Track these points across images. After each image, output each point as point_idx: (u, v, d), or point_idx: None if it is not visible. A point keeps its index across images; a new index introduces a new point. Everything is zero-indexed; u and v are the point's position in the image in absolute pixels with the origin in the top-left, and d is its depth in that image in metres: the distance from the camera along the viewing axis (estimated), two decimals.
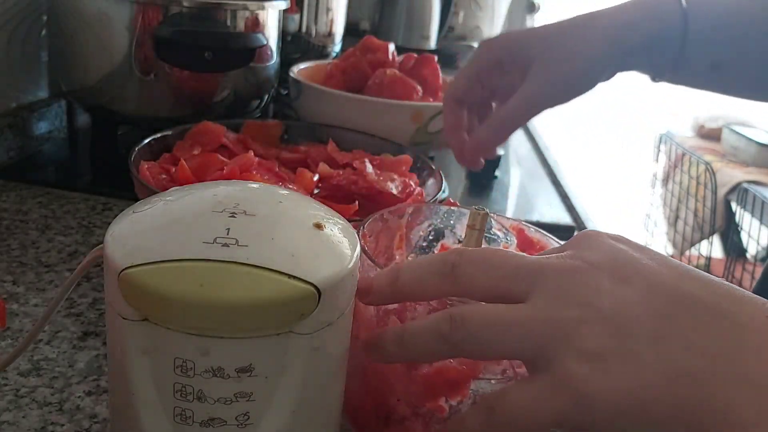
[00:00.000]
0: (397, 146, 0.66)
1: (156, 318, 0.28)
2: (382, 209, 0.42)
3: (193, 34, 0.69)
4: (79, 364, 0.45)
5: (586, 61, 0.53)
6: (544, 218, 0.84)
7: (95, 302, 0.52)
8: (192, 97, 0.74)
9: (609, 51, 0.53)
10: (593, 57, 0.53)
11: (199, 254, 0.27)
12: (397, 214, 0.43)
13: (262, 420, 0.30)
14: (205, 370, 0.28)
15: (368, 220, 0.40)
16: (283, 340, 0.28)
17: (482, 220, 0.38)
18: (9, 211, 0.65)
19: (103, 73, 0.72)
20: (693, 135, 2.48)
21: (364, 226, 0.40)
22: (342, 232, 0.33)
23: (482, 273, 0.30)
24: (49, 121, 0.82)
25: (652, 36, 0.53)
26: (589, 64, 0.53)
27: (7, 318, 0.48)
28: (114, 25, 0.68)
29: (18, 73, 0.79)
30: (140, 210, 0.32)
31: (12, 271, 0.54)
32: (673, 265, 0.30)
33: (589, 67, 0.53)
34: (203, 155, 0.58)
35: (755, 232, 1.88)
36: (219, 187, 0.34)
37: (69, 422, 0.40)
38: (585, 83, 0.53)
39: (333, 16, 1.19)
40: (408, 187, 0.56)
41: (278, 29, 0.81)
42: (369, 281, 0.33)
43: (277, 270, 0.27)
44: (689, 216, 2.11)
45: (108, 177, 0.76)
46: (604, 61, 0.53)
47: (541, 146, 1.17)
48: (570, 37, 0.54)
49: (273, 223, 0.31)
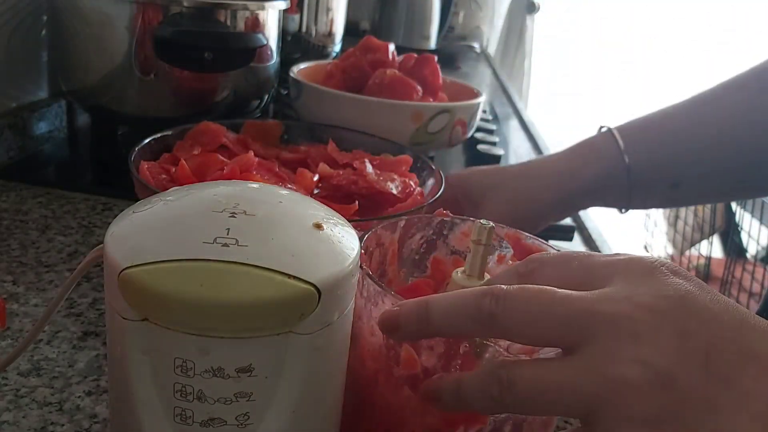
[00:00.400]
0: (397, 146, 0.66)
1: (156, 318, 0.28)
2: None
3: (193, 34, 0.69)
4: (79, 364, 0.45)
5: (528, 209, 0.57)
6: None
7: (95, 302, 0.52)
8: (192, 97, 0.74)
9: (553, 198, 0.57)
10: (539, 202, 0.57)
11: (199, 254, 0.27)
12: (389, 230, 0.41)
13: (262, 420, 0.30)
14: (205, 370, 0.28)
15: (363, 237, 0.38)
16: (283, 340, 0.28)
17: (488, 235, 0.36)
18: (9, 211, 0.65)
19: (103, 73, 0.72)
20: None
21: (362, 243, 0.37)
22: (342, 232, 0.33)
23: (525, 325, 0.28)
24: (49, 121, 0.82)
25: (597, 181, 0.57)
26: (532, 210, 0.57)
27: (7, 318, 0.48)
28: (114, 25, 0.68)
29: (18, 73, 0.79)
30: (140, 210, 0.32)
31: (12, 271, 0.54)
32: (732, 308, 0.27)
33: (532, 213, 0.57)
34: (203, 155, 0.58)
35: (755, 232, 1.87)
36: (219, 187, 0.34)
37: (69, 422, 0.40)
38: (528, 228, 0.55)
39: (333, 16, 1.19)
40: (408, 187, 0.56)
41: (278, 29, 0.81)
42: (395, 316, 0.31)
43: (277, 270, 0.27)
44: (689, 216, 2.11)
45: (108, 177, 0.76)
46: (550, 206, 0.57)
47: (541, 146, 1.17)
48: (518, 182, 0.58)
49: (273, 223, 0.31)
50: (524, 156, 1.13)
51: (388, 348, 0.35)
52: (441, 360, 0.33)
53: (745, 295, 1.79)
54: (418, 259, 0.43)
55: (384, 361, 0.35)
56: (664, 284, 0.27)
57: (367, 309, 0.35)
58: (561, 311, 0.27)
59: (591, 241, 0.80)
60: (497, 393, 0.28)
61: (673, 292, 0.27)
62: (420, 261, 0.43)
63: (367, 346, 0.36)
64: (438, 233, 0.43)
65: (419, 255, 0.43)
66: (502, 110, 1.43)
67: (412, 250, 0.43)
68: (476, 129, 0.98)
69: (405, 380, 0.34)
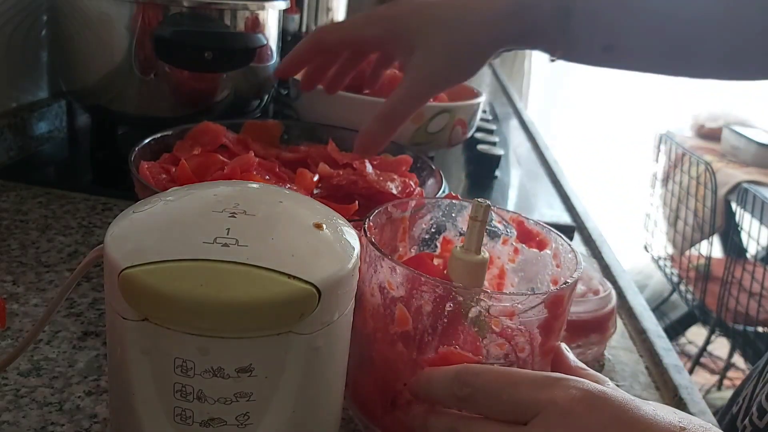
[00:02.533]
0: (397, 146, 0.66)
1: (156, 318, 0.28)
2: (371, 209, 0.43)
3: (193, 34, 0.69)
4: (79, 364, 0.45)
5: (467, 51, 0.54)
6: (544, 218, 0.84)
7: (95, 302, 0.52)
8: (192, 97, 0.74)
9: (488, 39, 0.54)
10: (474, 45, 0.54)
11: (199, 254, 0.27)
12: (400, 208, 0.45)
13: (262, 420, 0.30)
14: (205, 370, 0.28)
15: (373, 212, 0.42)
16: (283, 340, 0.28)
17: (485, 212, 0.39)
18: (9, 211, 0.65)
19: (103, 73, 0.72)
20: (693, 135, 2.48)
21: (370, 218, 0.41)
22: (342, 232, 0.33)
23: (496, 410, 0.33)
24: (49, 121, 0.82)
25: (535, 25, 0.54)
26: (469, 53, 0.54)
27: (7, 318, 0.48)
28: (114, 25, 0.68)
29: (18, 73, 0.79)
30: (140, 210, 0.32)
31: (12, 271, 0.54)
32: None
33: (470, 56, 0.54)
34: (204, 155, 0.58)
35: (755, 232, 1.88)
36: (219, 187, 0.34)
37: (69, 422, 0.40)
38: (467, 70, 0.54)
39: (333, 16, 1.19)
40: (408, 187, 0.56)
41: (278, 29, 0.81)
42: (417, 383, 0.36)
43: (277, 270, 0.27)
44: (689, 216, 2.11)
45: (108, 177, 0.76)
46: (485, 48, 0.54)
47: (541, 146, 1.17)
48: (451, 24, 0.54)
49: (273, 223, 0.31)
50: (524, 156, 1.13)
51: (384, 308, 0.38)
52: (429, 318, 0.36)
53: (745, 295, 1.79)
54: (428, 238, 0.47)
55: (381, 320, 0.38)
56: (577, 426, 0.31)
57: (369, 273, 0.39)
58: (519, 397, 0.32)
59: (591, 241, 0.80)
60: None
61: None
62: (430, 240, 0.47)
63: (368, 306, 0.39)
64: (447, 215, 0.46)
65: (429, 235, 0.47)
66: (502, 110, 1.43)
67: (423, 230, 0.47)
68: (476, 129, 0.98)
69: (399, 336, 0.37)
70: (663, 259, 2.22)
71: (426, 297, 0.36)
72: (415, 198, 0.47)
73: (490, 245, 0.45)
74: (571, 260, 0.40)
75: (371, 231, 0.40)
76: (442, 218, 0.46)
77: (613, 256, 0.76)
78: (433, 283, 0.36)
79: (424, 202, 0.47)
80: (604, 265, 0.74)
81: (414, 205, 0.46)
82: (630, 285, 0.70)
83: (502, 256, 0.46)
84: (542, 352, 0.38)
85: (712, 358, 2.07)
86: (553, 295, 0.36)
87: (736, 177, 1.96)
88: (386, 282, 0.37)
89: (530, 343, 0.37)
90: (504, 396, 0.32)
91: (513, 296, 0.37)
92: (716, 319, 1.88)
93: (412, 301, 0.36)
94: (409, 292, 0.36)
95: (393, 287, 0.37)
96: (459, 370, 0.34)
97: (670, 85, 2.37)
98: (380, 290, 0.38)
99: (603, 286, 0.55)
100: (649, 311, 0.66)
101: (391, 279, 0.37)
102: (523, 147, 1.18)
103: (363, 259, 0.39)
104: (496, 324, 0.36)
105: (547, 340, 0.38)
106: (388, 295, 0.37)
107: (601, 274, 0.70)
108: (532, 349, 0.37)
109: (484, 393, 0.33)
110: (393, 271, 0.37)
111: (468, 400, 0.33)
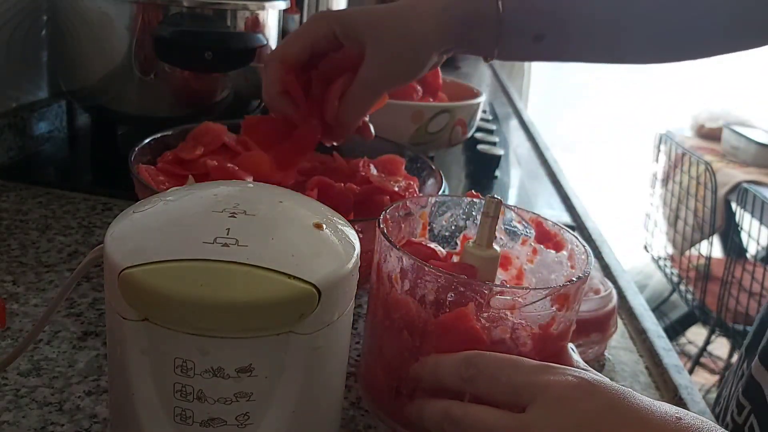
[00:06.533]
0: (397, 146, 0.66)
1: (156, 318, 0.28)
2: (382, 210, 0.43)
3: (193, 34, 0.69)
4: (79, 364, 0.45)
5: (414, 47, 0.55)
6: None
7: (95, 302, 0.52)
8: (192, 97, 0.74)
9: (434, 34, 0.55)
10: (421, 41, 0.55)
11: (199, 254, 0.27)
12: (419, 204, 0.46)
13: (262, 420, 0.30)
14: (205, 370, 0.28)
15: (391, 206, 0.43)
16: (283, 340, 0.28)
17: (496, 208, 0.40)
18: (9, 211, 0.64)
19: (103, 73, 0.72)
20: (693, 135, 2.48)
21: (387, 211, 0.42)
22: (342, 232, 0.33)
23: (495, 391, 0.34)
24: (49, 121, 0.82)
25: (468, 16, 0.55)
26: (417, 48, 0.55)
27: (7, 318, 0.48)
28: (114, 25, 0.68)
29: (18, 73, 0.79)
30: (140, 210, 0.32)
31: (12, 271, 0.54)
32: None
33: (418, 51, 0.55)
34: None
35: (755, 232, 1.87)
36: (219, 187, 0.34)
37: (69, 422, 0.40)
38: (417, 66, 0.55)
39: None
40: (409, 188, 0.57)
41: (278, 29, 0.81)
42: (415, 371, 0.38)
43: (277, 270, 0.27)
44: (689, 216, 2.11)
45: (108, 177, 0.76)
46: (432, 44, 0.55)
47: (541, 146, 1.17)
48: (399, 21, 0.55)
49: (273, 223, 0.31)
50: (524, 156, 1.13)
51: (392, 297, 0.39)
52: (432, 307, 0.37)
53: (745, 295, 1.79)
54: (448, 236, 0.48)
55: (389, 308, 0.39)
56: (572, 411, 0.32)
57: (380, 263, 0.40)
58: (518, 380, 0.33)
59: (591, 241, 0.80)
60: (448, 428, 0.34)
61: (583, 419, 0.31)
62: (450, 237, 0.48)
63: (380, 294, 0.40)
64: (468, 213, 0.47)
65: (449, 232, 0.48)
66: (502, 110, 1.43)
67: (443, 227, 0.48)
68: (476, 129, 0.98)
69: (404, 325, 0.38)
70: (663, 259, 2.22)
71: (430, 287, 0.37)
72: (435, 195, 0.47)
73: (509, 245, 0.46)
74: (583, 261, 0.41)
75: (386, 223, 0.41)
76: (462, 216, 0.47)
77: (613, 255, 0.76)
78: (436, 273, 0.36)
79: (445, 199, 0.48)
80: (604, 265, 0.74)
81: (434, 202, 0.47)
82: (630, 285, 0.70)
83: (521, 257, 0.46)
84: (548, 350, 0.38)
85: (712, 358, 2.07)
86: (557, 292, 0.36)
87: (736, 177, 1.96)
88: (395, 272, 0.39)
89: (532, 339, 0.37)
90: (503, 378, 0.33)
91: (514, 290, 0.37)
92: (716, 319, 1.88)
93: (416, 291, 0.38)
94: (415, 277, 0.37)
95: (399, 277, 0.38)
96: (468, 354, 0.35)
97: (670, 85, 2.37)
98: (389, 279, 0.39)
99: (604, 286, 0.56)
100: (649, 311, 0.66)
101: (399, 268, 0.38)
102: (523, 147, 1.18)
103: (376, 251, 0.40)
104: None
105: (552, 337, 0.38)
106: (395, 285, 0.39)
107: (602, 274, 0.70)
108: (534, 344, 0.37)
109: (486, 374, 0.34)
110: (400, 261, 0.38)
111: (471, 380, 0.34)
